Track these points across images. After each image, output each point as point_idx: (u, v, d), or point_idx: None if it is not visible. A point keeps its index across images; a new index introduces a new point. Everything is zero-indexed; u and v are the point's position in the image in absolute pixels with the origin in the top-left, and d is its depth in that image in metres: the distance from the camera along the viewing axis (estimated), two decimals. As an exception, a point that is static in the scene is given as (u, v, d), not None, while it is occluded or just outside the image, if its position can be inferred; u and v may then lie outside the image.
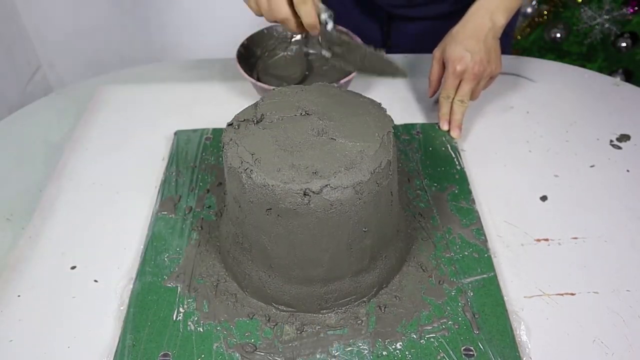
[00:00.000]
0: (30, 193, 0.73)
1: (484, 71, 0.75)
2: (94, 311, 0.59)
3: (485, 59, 0.75)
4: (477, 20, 0.76)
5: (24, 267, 0.64)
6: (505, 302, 0.58)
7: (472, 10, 0.77)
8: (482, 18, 0.75)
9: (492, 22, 0.75)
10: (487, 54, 0.75)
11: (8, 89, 1.31)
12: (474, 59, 0.74)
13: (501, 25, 0.76)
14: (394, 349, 0.54)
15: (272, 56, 0.91)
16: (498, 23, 0.75)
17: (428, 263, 0.62)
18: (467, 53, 0.74)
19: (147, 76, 0.94)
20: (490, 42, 0.75)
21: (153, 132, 0.82)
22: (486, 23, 0.75)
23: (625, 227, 0.67)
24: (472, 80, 0.76)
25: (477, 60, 0.74)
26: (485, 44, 0.75)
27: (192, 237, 0.65)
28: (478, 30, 0.75)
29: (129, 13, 1.51)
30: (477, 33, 0.75)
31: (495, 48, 0.76)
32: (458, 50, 0.75)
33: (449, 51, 0.76)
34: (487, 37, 0.75)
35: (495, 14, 0.75)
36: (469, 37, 0.75)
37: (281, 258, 0.55)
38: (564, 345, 0.55)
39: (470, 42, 0.75)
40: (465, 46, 0.75)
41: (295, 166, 0.50)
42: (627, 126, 0.81)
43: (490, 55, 0.75)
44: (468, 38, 0.75)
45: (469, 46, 0.75)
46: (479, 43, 0.75)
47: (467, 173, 0.73)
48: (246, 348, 0.54)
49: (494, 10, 0.75)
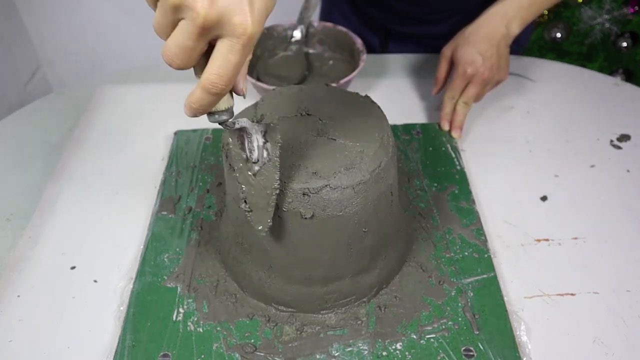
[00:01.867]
0: (30, 193, 0.73)
1: (493, 77, 0.75)
2: (94, 311, 0.59)
3: (495, 65, 0.74)
4: (492, 24, 0.75)
5: (24, 267, 0.64)
6: (505, 302, 0.58)
7: (488, 13, 0.76)
8: (497, 23, 0.74)
9: (507, 29, 0.74)
10: (498, 60, 0.74)
11: (8, 89, 1.31)
12: (485, 64, 0.74)
13: (514, 34, 0.75)
14: (394, 350, 0.54)
15: (272, 56, 0.91)
16: (512, 32, 0.75)
17: (428, 263, 0.62)
18: (479, 57, 0.74)
19: (147, 76, 0.94)
20: (502, 49, 0.75)
21: (153, 132, 0.82)
22: (501, 29, 0.74)
23: (625, 227, 0.67)
24: (479, 84, 0.75)
25: (488, 66, 0.74)
26: (497, 49, 0.74)
27: (192, 237, 0.65)
28: (492, 35, 0.74)
29: (129, 13, 1.51)
30: (491, 37, 0.74)
31: (506, 56, 0.76)
32: (470, 53, 0.74)
33: (460, 52, 0.76)
34: (500, 44, 0.74)
35: (512, 22, 0.74)
36: (482, 41, 0.74)
37: (281, 258, 0.55)
38: (564, 345, 0.55)
39: (483, 46, 0.74)
40: (477, 49, 0.74)
41: (295, 166, 0.50)
42: (627, 126, 0.81)
43: (500, 61, 0.75)
44: (481, 41, 0.74)
45: (482, 50, 0.74)
46: (492, 48, 0.74)
47: (467, 173, 0.73)
48: (246, 348, 0.54)
49: (510, 19, 0.74)
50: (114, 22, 1.53)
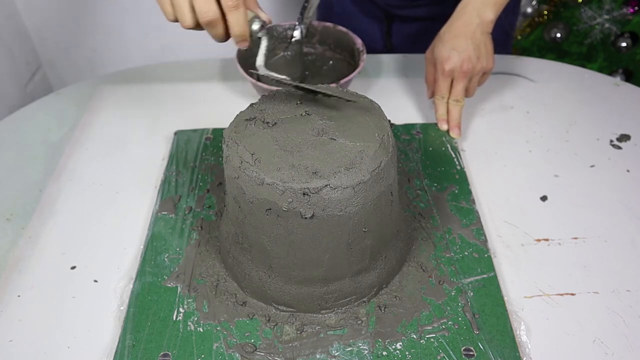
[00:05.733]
0: (30, 193, 0.73)
1: (474, 68, 0.75)
2: (94, 311, 0.59)
3: (474, 56, 0.74)
4: (463, 18, 0.75)
5: (24, 267, 0.64)
6: (505, 302, 0.58)
7: (459, 8, 0.76)
8: (469, 15, 0.75)
9: (479, 17, 0.74)
10: (475, 50, 0.74)
11: (8, 89, 1.31)
12: (462, 57, 0.74)
13: (490, 20, 0.75)
14: (394, 349, 0.54)
15: (272, 56, 0.91)
16: (486, 18, 0.74)
17: (428, 263, 0.62)
18: (453, 52, 0.74)
19: (147, 76, 0.94)
20: (479, 38, 0.74)
21: (153, 132, 0.82)
22: (473, 19, 0.74)
23: (625, 227, 0.67)
24: (462, 78, 0.75)
25: (465, 58, 0.74)
26: (473, 40, 0.74)
27: (192, 237, 0.65)
28: (465, 28, 0.74)
29: (129, 13, 1.51)
30: (464, 30, 0.74)
31: (486, 43, 0.75)
32: (445, 50, 0.75)
33: (436, 52, 0.76)
34: (475, 34, 0.74)
35: (483, 9, 0.74)
36: (456, 36, 0.75)
37: (281, 258, 0.55)
38: (564, 345, 0.55)
39: (457, 41, 0.74)
40: (452, 45, 0.74)
41: (295, 166, 0.50)
42: (627, 126, 0.81)
43: (479, 51, 0.75)
44: (455, 37, 0.75)
45: (456, 45, 0.74)
46: (467, 40, 0.74)
47: (467, 173, 0.73)
48: (246, 348, 0.54)
49: (480, 6, 0.74)
50: (114, 22, 1.53)
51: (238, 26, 0.55)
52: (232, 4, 0.53)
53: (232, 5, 0.53)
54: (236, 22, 0.55)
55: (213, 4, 0.53)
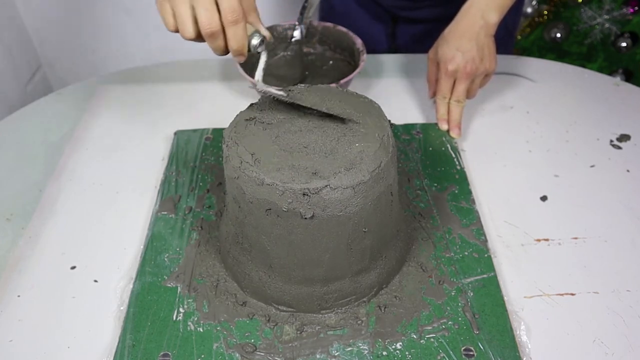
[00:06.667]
0: (30, 193, 0.73)
1: (477, 69, 0.75)
2: (94, 311, 0.59)
3: (477, 57, 0.74)
4: (468, 19, 0.75)
5: (24, 267, 0.64)
6: (505, 302, 0.58)
7: (463, 9, 0.76)
8: (473, 16, 0.75)
9: (483, 19, 0.74)
10: (479, 52, 0.75)
11: (8, 89, 1.31)
12: (465, 58, 0.74)
13: (494, 23, 0.75)
14: (394, 349, 0.54)
15: (272, 56, 0.90)
16: (490, 21, 0.75)
17: (428, 263, 0.62)
18: (458, 52, 0.74)
19: (147, 76, 0.94)
20: (482, 40, 0.75)
21: (153, 132, 0.82)
22: (477, 21, 0.75)
23: (625, 227, 0.67)
24: (465, 79, 0.75)
25: (469, 59, 0.74)
26: (477, 42, 0.74)
27: (192, 237, 0.65)
28: (469, 29, 0.75)
29: (129, 13, 1.51)
30: (469, 32, 0.75)
31: (489, 45, 0.76)
32: (449, 50, 0.75)
33: (440, 52, 0.77)
34: (479, 35, 0.74)
35: (487, 12, 0.74)
36: (460, 37, 0.75)
37: (281, 258, 0.55)
38: (564, 345, 0.55)
39: (462, 42, 0.74)
40: (456, 46, 0.75)
41: (295, 166, 0.50)
42: (627, 126, 0.81)
43: (483, 53, 0.75)
44: (459, 37, 0.75)
45: (460, 45, 0.74)
46: (471, 42, 0.74)
47: (467, 173, 0.73)
48: (246, 348, 0.54)
49: (485, 8, 0.74)
50: (114, 22, 1.53)
51: (236, 41, 0.55)
52: (231, 19, 0.53)
53: (232, 20, 0.54)
54: (234, 37, 0.55)
55: (216, 17, 0.53)
